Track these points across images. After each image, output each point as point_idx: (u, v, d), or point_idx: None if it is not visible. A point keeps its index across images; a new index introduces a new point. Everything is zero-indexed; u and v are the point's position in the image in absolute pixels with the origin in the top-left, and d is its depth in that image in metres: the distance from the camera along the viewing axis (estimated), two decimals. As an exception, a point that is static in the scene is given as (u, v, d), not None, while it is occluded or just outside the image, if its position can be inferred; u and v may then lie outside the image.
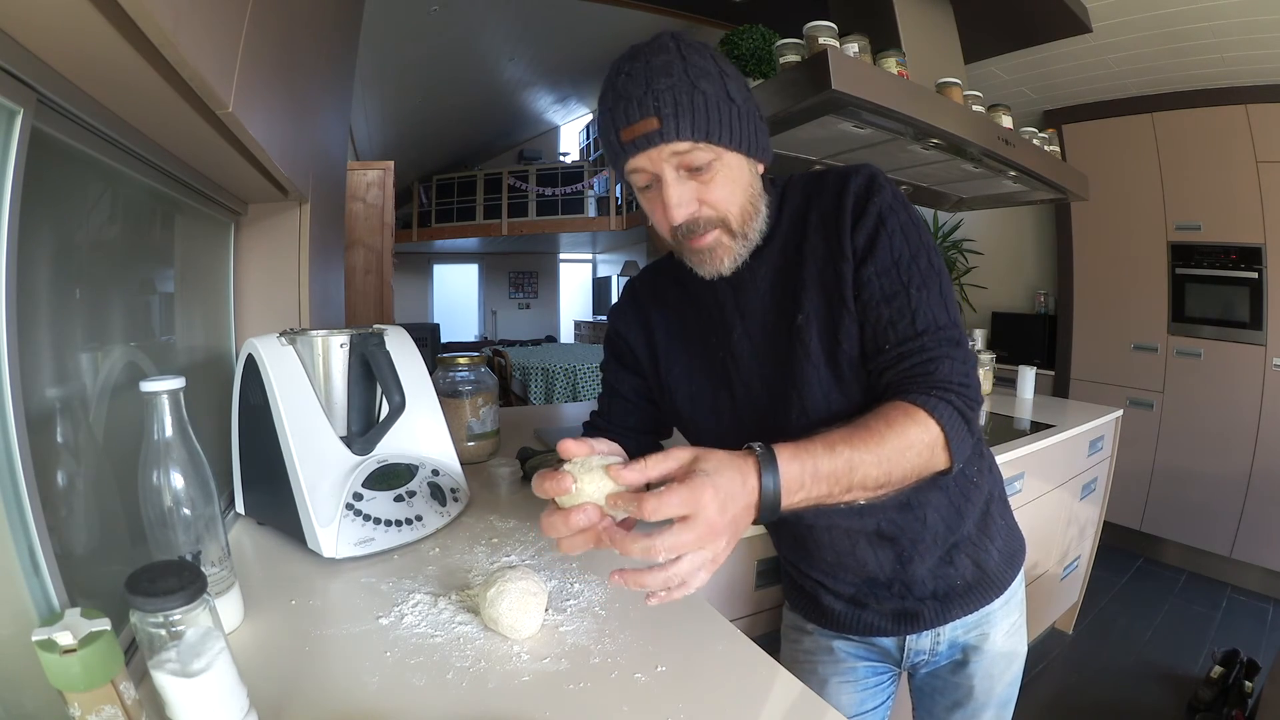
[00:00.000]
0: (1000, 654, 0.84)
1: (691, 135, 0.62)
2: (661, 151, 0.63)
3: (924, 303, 0.66)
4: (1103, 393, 3.03)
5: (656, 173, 0.65)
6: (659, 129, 0.62)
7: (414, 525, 0.88)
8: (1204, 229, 2.70)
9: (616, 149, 0.66)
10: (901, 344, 0.66)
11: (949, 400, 0.61)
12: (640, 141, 0.63)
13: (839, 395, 0.70)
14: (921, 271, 0.66)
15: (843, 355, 0.69)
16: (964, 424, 0.62)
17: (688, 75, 0.62)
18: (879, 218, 0.67)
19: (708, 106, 0.63)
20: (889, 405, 0.61)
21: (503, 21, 4.97)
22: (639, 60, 0.63)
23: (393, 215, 3.77)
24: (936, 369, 0.64)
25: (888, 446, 0.57)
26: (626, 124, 0.63)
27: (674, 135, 0.62)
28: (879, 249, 0.67)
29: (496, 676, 0.60)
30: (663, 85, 0.62)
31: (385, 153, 6.47)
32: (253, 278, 1.17)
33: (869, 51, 1.45)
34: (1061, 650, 2.18)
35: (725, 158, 0.65)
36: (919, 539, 0.76)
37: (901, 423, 0.59)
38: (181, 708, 0.45)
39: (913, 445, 0.59)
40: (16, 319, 0.47)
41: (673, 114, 0.62)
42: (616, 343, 0.89)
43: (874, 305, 0.67)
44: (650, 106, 0.62)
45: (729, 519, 0.50)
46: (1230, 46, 2.31)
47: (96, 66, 0.51)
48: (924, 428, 0.60)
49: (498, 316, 10.80)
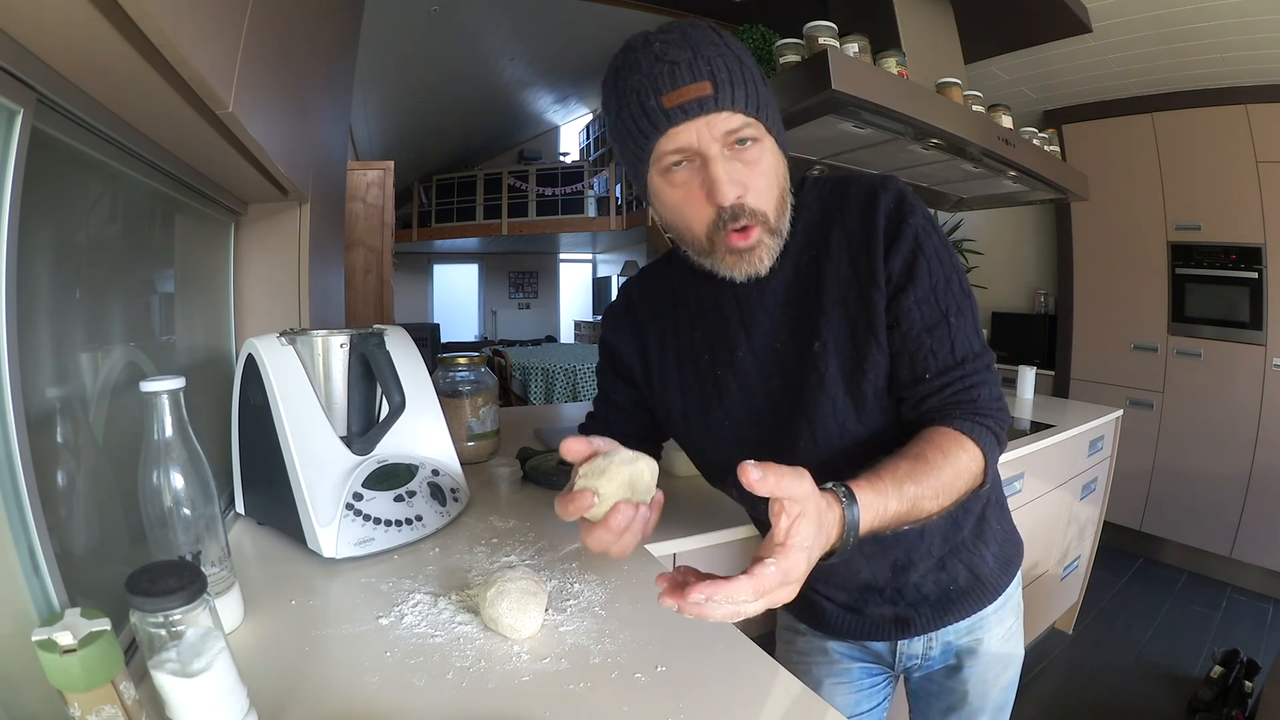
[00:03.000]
0: (995, 658, 0.83)
1: (745, 107, 0.57)
2: (712, 122, 0.56)
3: (962, 330, 0.64)
4: (1103, 393, 3.03)
5: (701, 149, 0.58)
6: (713, 95, 0.55)
7: (414, 525, 0.88)
8: (1204, 229, 2.71)
9: (656, 116, 0.57)
10: (943, 373, 0.64)
11: (988, 426, 0.61)
12: (691, 107, 0.56)
13: (856, 423, 0.67)
14: (957, 298, 0.65)
15: (867, 384, 0.66)
16: (997, 445, 0.62)
17: (733, 50, 0.58)
18: (915, 242, 0.64)
19: (757, 82, 0.58)
20: (940, 434, 0.60)
21: (502, 21, 4.98)
22: (674, 31, 0.58)
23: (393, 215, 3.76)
24: (978, 395, 0.63)
25: (944, 478, 0.57)
26: (673, 88, 0.55)
27: (729, 103, 0.56)
28: (918, 276, 0.64)
29: (496, 676, 0.60)
30: (713, 52, 0.56)
31: (385, 153, 6.46)
32: (253, 278, 1.17)
33: (869, 51, 1.45)
34: (1061, 650, 2.18)
35: (766, 143, 0.61)
36: (915, 548, 0.75)
37: (954, 453, 0.59)
38: (181, 708, 0.45)
39: (963, 475, 0.59)
40: (16, 319, 0.47)
41: (728, 80, 0.56)
42: (611, 353, 0.85)
43: (915, 335, 0.64)
44: (703, 70, 0.56)
45: (805, 572, 0.47)
46: (1230, 46, 2.31)
47: (96, 66, 0.51)
48: (971, 455, 0.60)
49: (498, 316, 10.80)
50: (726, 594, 0.43)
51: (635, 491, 0.53)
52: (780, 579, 0.44)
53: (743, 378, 0.73)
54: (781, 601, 0.45)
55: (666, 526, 0.96)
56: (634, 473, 0.53)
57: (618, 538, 0.53)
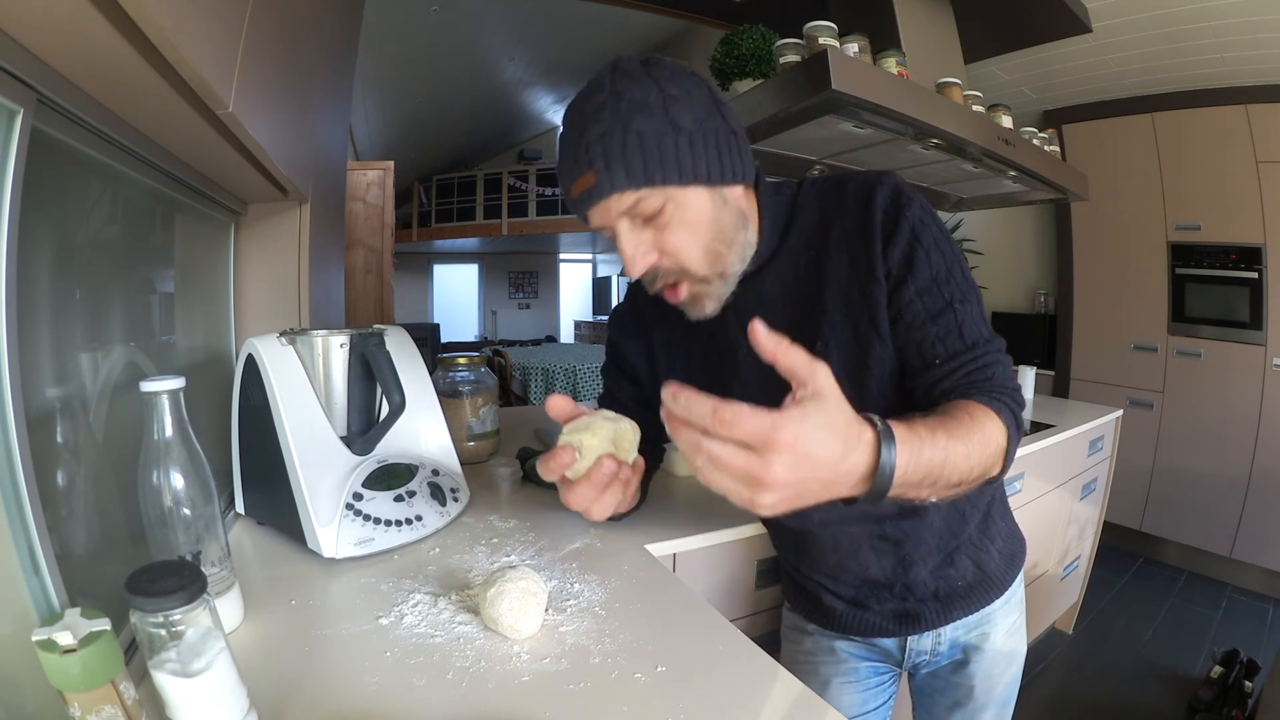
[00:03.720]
0: (1001, 653, 0.84)
1: (629, 184, 0.58)
2: (606, 206, 0.60)
3: (968, 316, 0.64)
4: (1103, 393, 3.03)
5: (608, 226, 0.62)
6: (595, 185, 0.58)
7: (414, 525, 0.88)
8: (1204, 229, 2.71)
9: (572, 205, 0.63)
10: (955, 357, 0.63)
11: (1008, 405, 0.60)
12: (584, 199, 0.60)
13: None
14: (959, 286, 0.64)
15: (871, 380, 0.66)
16: (1017, 428, 0.61)
17: (619, 117, 0.58)
18: (913, 234, 0.64)
19: (643, 147, 0.58)
20: (963, 403, 0.58)
21: (502, 21, 4.97)
22: (576, 107, 0.60)
23: (393, 215, 3.76)
24: (994, 374, 0.62)
25: (974, 439, 0.54)
26: (570, 181, 0.60)
27: (610, 188, 0.58)
28: (917, 267, 0.64)
29: (496, 676, 0.60)
30: (594, 134, 0.58)
31: (385, 153, 6.46)
32: (253, 278, 1.17)
33: (869, 51, 1.45)
34: (1061, 650, 2.18)
35: (678, 197, 0.61)
36: (922, 543, 0.76)
37: (982, 419, 0.56)
38: (181, 708, 0.45)
39: (990, 441, 0.56)
40: (16, 319, 0.47)
41: (605, 166, 0.58)
42: (616, 353, 0.88)
43: (920, 325, 0.64)
44: (584, 161, 0.58)
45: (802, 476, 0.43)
46: (1230, 46, 2.31)
47: (96, 66, 0.51)
48: (997, 426, 0.57)
49: (498, 316, 10.79)
50: (688, 397, 0.43)
51: (619, 449, 0.53)
52: (765, 429, 0.40)
53: (746, 380, 0.73)
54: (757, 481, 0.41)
55: (666, 526, 0.96)
56: (618, 430, 0.53)
57: (599, 493, 0.52)
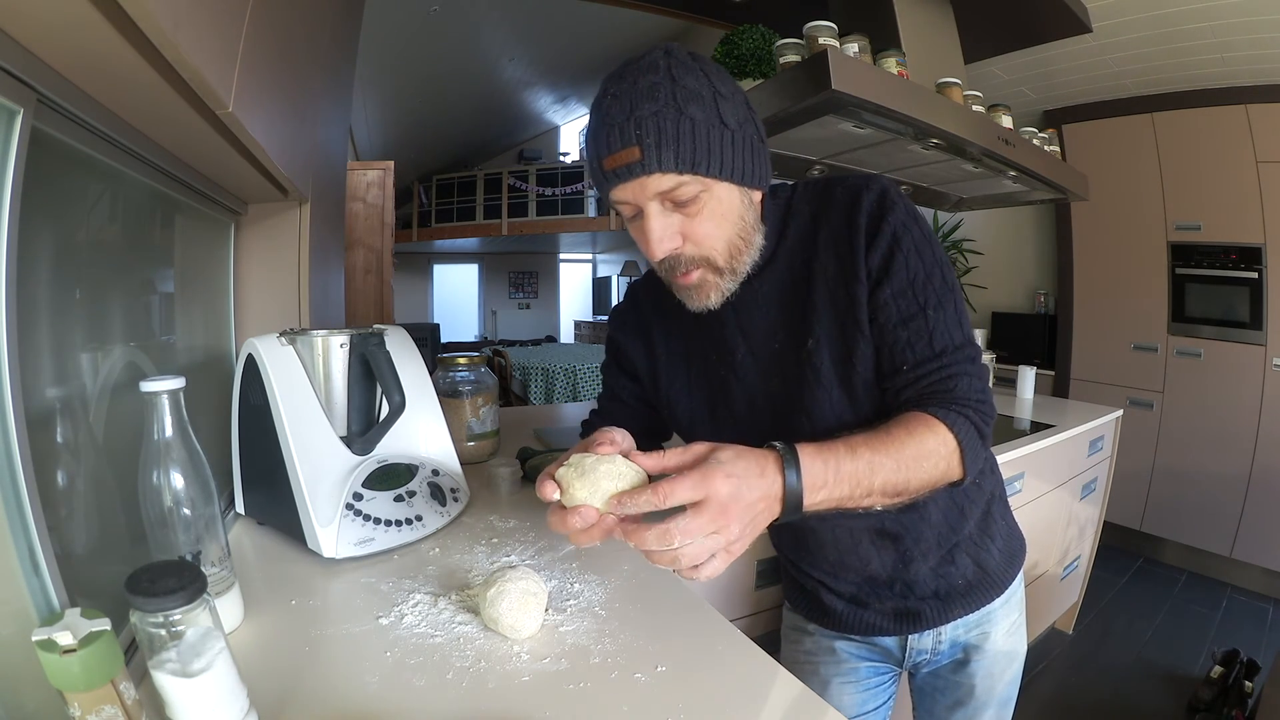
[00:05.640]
0: (1001, 653, 0.84)
1: (675, 167, 0.59)
2: (644, 184, 0.60)
3: (940, 323, 0.65)
4: (1103, 393, 3.03)
5: (638, 204, 0.62)
6: (640, 160, 0.58)
7: (414, 525, 0.88)
8: (1204, 229, 2.71)
9: (599, 177, 0.62)
10: (919, 365, 0.65)
11: (966, 415, 0.62)
12: (622, 172, 0.60)
13: (852, 416, 0.69)
14: (937, 291, 0.66)
15: (857, 378, 0.68)
16: (979, 438, 0.62)
17: (675, 100, 0.58)
18: (893, 237, 0.65)
19: (695, 134, 0.59)
20: (908, 415, 0.61)
21: (503, 21, 4.97)
22: (626, 80, 0.60)
23: (393, 215, 3.76)
24: (955, 386, 0.64)
25: (907, 453, 0.57)
26: (609, 152, 0.60)
27: (656, 167, 0.58)
28: (895, 270, 0.65)
29: (496, 676, 0.60)
30: (647, 111, 0.58)
31: (385, 153, 6.46)
32: (253, 278, 1.17)
33: (869, 51, 1.45)
34: (1061, 650, 2.18)
35: (714, 189, 0.62)
36: (922, 538, 0.76)
37: (920, 432, 0.59)
38: (181, 708, 0.45)
39: (930, 454, 0.59)
40: (16, 319, 0.47)
41: (655, 144, 0.58)
42: (617, 350, 0.88)
43: (891, 328, 0.66)
44: (632, 135, 0.58)
45: (743, 506, 0.49)
46: (1230, 46, 2.31)
47: (96, 66, 0.51)
48: (941, 439, 0.60)
49: (498, 316, 10.79)
50: (634, 499, 0.49)
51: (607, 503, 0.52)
52: (691, 486, 0.48)
53: (744, 379, 0.75)
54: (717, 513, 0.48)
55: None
56: (615, 489, 0.52)
57: (574, 533, 0.53)
